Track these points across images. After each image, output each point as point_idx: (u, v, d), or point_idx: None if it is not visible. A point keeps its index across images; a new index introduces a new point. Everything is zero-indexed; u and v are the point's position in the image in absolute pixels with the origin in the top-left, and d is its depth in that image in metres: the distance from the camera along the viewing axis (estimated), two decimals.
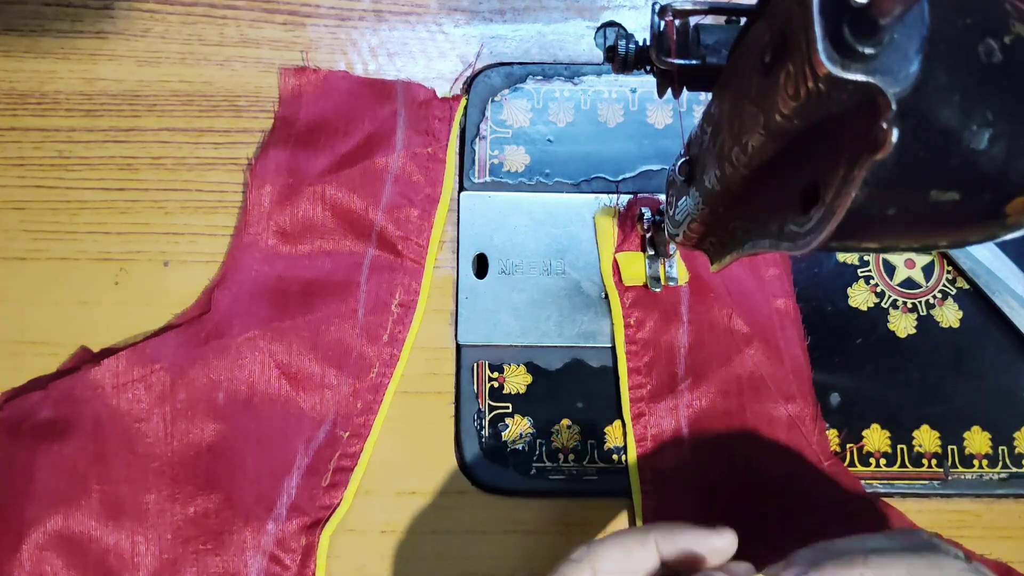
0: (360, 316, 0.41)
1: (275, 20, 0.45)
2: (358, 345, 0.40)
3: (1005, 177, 0.20)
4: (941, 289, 0.42)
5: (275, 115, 0.44)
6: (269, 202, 0.42)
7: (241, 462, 0.38)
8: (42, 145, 0.44)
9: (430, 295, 0.42)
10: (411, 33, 0.46)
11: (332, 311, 0.41)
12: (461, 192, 0.44)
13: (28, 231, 0.43)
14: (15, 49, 0.44)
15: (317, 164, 0.42)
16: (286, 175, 0.42)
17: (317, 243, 0.42)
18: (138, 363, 0.39)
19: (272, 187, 0.42)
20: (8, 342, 0.41)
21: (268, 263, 0.41)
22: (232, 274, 0.41)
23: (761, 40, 0.21)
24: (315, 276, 0.41)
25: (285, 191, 0.42)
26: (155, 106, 0.44)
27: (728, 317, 0.40)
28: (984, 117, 0.19)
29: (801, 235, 0.22)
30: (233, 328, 0.40)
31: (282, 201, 0.42)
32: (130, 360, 0.39)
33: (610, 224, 0.43)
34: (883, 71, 0.17)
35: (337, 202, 0.42)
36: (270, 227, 0.42)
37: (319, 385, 0.40)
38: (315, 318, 0.40)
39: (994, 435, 0.41)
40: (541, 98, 0.45)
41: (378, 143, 0.43)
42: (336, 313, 0.41)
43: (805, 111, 0.20)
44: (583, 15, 0.46)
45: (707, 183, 0.28)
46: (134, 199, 0.43)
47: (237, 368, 0.40)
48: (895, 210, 0.20)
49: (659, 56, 0.26)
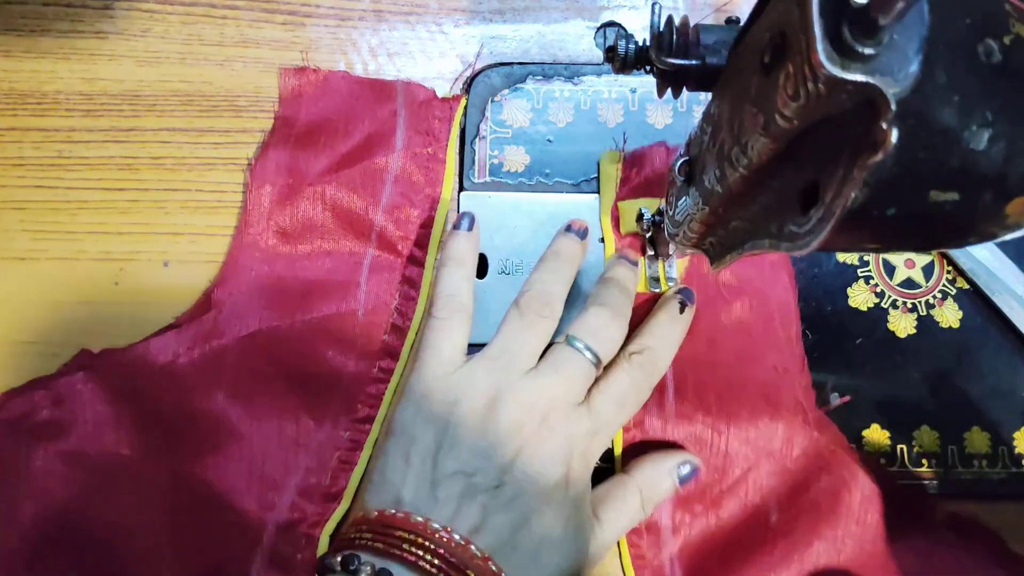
0: (360, 316, 0.41)
1: (275, 20, 0.45)
2: (359, 345, 0.40)
3: (1005, 177, 0.20)
4: (941, 289, 0.42)
5: (275, 115, 0.44)
6: (269, 202, 0.42)
7: (240, 463, 0.38)
8: (42, 145, 0.44)
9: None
10: (411, 33, 0.46)
11: (332, 311, 0.40)
12: (461, 192, 0.44)
13: (28, 231, 0.43)
14: (15, 49, 0.44)
15: (317, 164, 0.42)
16: (286, 175, 0.42)
17: (317, 243, 0.42)
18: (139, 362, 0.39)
19: (272, 187, 0.42)
20: (8, 342, 0.41)
21: (268, 263, 0.41)
22: (232, 274, 0.41)
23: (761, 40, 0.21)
24: (315, 276, 0.41)
25: (285, 191, 0.42)
26: (155, 106, 0.44)
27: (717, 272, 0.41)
28: (984, 117, 0.19)
29: (801, 235, 0.22)
30: (233, 328, 0.40)
31: (282, 201, 0.42)
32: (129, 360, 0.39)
33: (614, 170, 0.43)
34: (883, 71, 0.17)
35: (337, 202, 0.42)
36: (270, 227, 0.42)
37: (319, 385, 0.40)
38: (315, 318, 0.40)
39: (994, 435, 0.41)
40: (541, 98, 0.45)
41: (378, 143, 0.43)
42: (336, 313, 0.41)
43: (805, 111, 0.20)
44: (583, 15, 0.46)
45: (707, 183, 0.28)
46: (134, 199, 0.43)
47: (237, 367, 0.40)
48: (895, 210, 0.20)
49: (659, 56, 0.26)
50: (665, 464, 0.37)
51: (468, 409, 0.34)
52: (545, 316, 0.37)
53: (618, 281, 0.39)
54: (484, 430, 0.34)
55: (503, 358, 0.36)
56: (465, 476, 0.33)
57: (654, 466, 0.37)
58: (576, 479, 0.35)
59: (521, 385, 0.35)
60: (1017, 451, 0.41)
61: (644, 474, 0.37)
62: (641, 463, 0.38)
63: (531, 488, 0.33)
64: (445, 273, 0.39)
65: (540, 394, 0.35)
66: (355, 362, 0.40)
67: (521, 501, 0.33)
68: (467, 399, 0.35)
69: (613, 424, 0.37)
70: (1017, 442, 0.41)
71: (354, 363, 0.40)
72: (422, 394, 0.35)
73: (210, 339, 0.40)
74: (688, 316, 0.39)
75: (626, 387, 0.37)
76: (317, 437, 0.39)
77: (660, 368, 0.38)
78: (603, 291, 0.38)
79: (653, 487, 0.37)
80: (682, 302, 0.39)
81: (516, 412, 0.34)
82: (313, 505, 0.38)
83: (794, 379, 0.40)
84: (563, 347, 0.36)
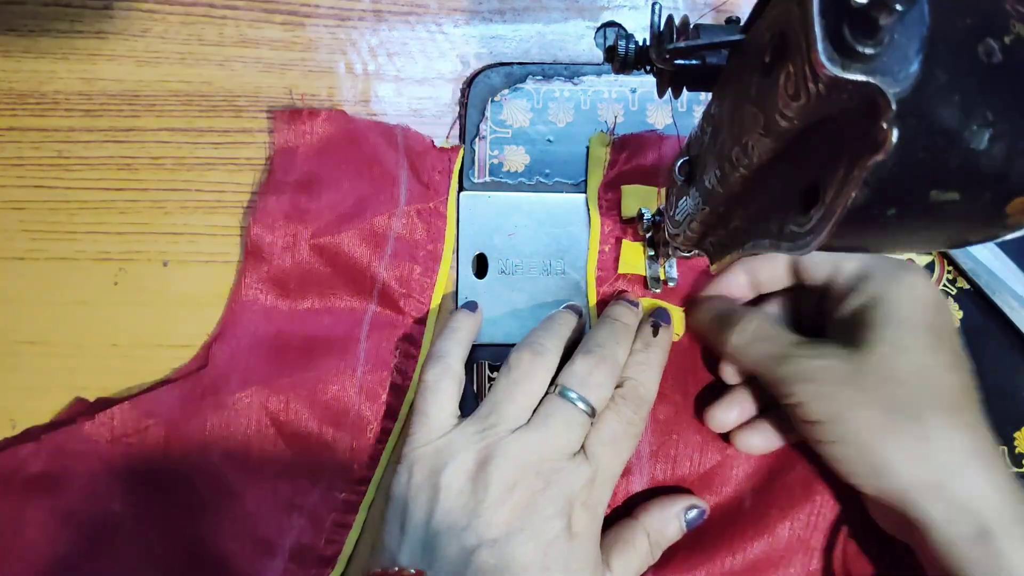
0: (359, 374, 0.40)
1: (274, 20, 0.45)
2: (356, 403, 0.40)
3: (1005, 177, 0.20)
4: (941, 289, 0.42)
5: (270, 161, 0.43)
6: (268, 255, 0.41)
7: (234, 522, 0.38)
8: (41, 145, 0.44)
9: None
10: (411, 33, 0.46)
11: (331, 368, 0.40)
12: (461, 192, 0.44)
13: (27, 231, 0.43)
14: (14, 49, 0.44)
15: (318, 216, 0.41)
16: (285, 227, 0.41)
17: (317, 298, 0.41)
18: (133, 417, 0.39)
19: (272, 238, 0.41)
20: (8, 342, 0.41)
21: (267, 318, 0.41)
22: (230, 328, 0.41)
23: (761, 40, 0.21)
24: (315, 332, 0.41)
25: (285, 244, 0.41)
26: (154, 106, 0.44)
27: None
28: (984, 117, 0.19)
29: (801, 235, 0.22)
30: (230, 384, 0.39)
31: (282, 254, 0.41)
32: (125, 414, 0.39)
33: (603, 152, 0.43)
34: (883, 71, 0.17)
35: (339, 257, 0.41)
36: (269, 280, 0.41)
37: (316, 444, 0.39)
38: (313, 375, 0.39)
39: (994, 435, 0.41)
40: (541, 98, 0.45)
41: (381, 196, 0.42)
42: (335, 370, 0.40)
43: (805, 111, 0.20)
44: (583, 15, 0.46)
45: (707, 183, 0.28)
46: (133, 199, 0.43)
47: (233, 425, 0.39)
48: (895, 210, 0.20)
49: (659, 56, 0.26)
50: (673, 508, 0.37)
51: (458, 472, 0.33)
52: (536, 370, 0.36)
53: (611, 321, 0.38)
54: (475, 491, 0.33)
55: (492, 416, 0.35)
56: (459, 539, 0.32)
57: (661, 510, 0.37)
58: (580, 531, 0.33)
59: (512, 442, 0.34)
60: (1018, 451, 0.40)
61: (651, 518, 0.37)
62: (648, 507, 0.37)
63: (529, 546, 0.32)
64: (441, 337, 0.39)
65: (532, 449, 0.34)
66: (353, 421, 0.39)
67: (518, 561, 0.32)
68: (457, 462, 0.34)
69: (613, 467, 0.35)
70: (1018, 442, 0.41)
71: (352, 422, 0.39)
72: (413, 461, 0.35)
73: (207, 395, 0.39)
74: (665, 336, 0.38)
75: (616, 426, 0.35)
76: (312, 498, 0.39)
77: (647, 397, 0.37)
78: (594, 334, 0.37)
79: (661, 531, 0.36)
80: (654, 324, 0.38)
81: (508, 471, 0.33)
82: (305, 570, 0.38)
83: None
84: (553, 398, 0.35)
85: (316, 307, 0.41)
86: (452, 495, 0.33)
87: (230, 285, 0.42)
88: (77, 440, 0.38)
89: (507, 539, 0.32)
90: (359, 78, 0.45)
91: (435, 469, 0.34)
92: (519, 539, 0.32)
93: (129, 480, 0.38)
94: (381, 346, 0.41)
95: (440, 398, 0.36)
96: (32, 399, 0.41)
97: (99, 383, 0.41)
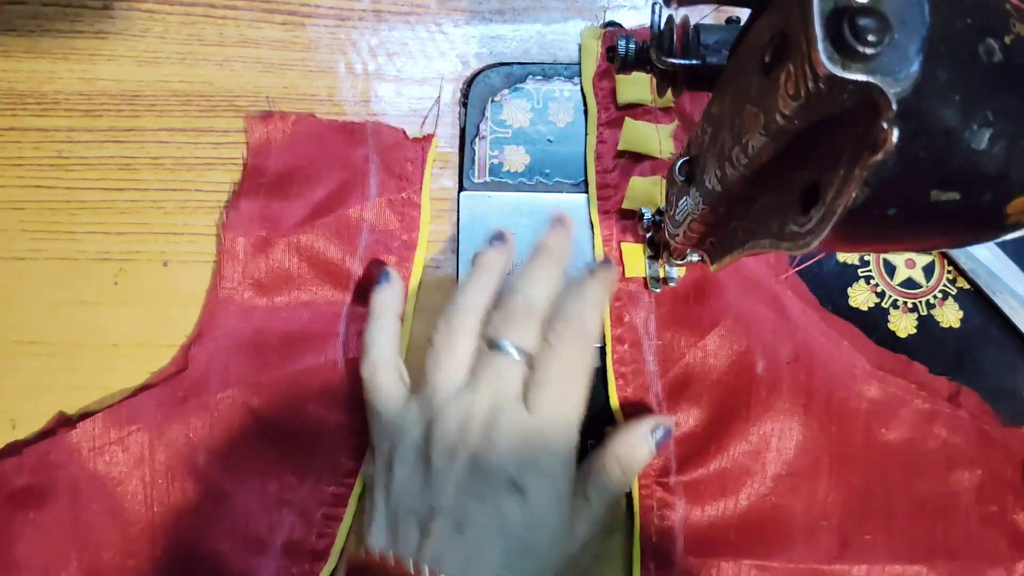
0: (340, 367, 0.40)
1: (274, 20, 0.45)
2: (340, 397, 0.40)
3: (1005, 177, 0.20)
4: (941, 289, 0.42)
5: (245, 164, 0.43)
6: (243, 254, 0.41)
7: (224, 523, 0.38)
8: (41, 145, 0.44)
9: (430, 294, 0.42)
10: (411, 33, 0.46)
11: (312, 363, 0.40)
12: (461, 192, 0.44)
13: (27, 231, 0.43)
14: (14, 49, 0.44)
15: (291, 213, 0.42)
16: (259, 225, 0.42)
17: (294, 294, 0.41)
18: (114, 425, 0.39)
19: (246, 238, 0.41)
20: (8, 342, 0.41)
21: (244, 317, 0.41)
22: (208, 330, 0.41)
23: (761, 40, 0.21)
24: (293, 328, 0.41)
25: (259, 242, 0.41)
26: (154, 106, 0.44)
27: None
28: (984, 117, 0.19)
29: (801, 235, 0.22)
30: (211, 385, 0.39)
31: (256, 252, 0.41)
32: (106, 422, 0.39)
33: (595, 45, 0.45)
34: (883, 71, 0.17)
35: (313, 252, 0.41)
36: (245, 279, 0.41)
37: (301, 440, 0.39)
38: (294, 371, 0.39)
39: None
40: (541, 98, 0.45)
41: (352, 190, 0.42)
42: (316, 365, 0.40)
43: (805, 111, 0.20)
44: (583, 15, 0.46)
45: (707, 183, 0.28)
46: (133, 199, 0.43)
47: (217, 425, 0.39)
48: (895, 210, 0.20)
49: (659, 56, 0.26)
50: (638, 430, 0.37)
51: (408, 450, 0.34)
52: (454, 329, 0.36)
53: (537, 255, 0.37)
54: (423, 463, 0.33)
55: (427, 388, 0.35)
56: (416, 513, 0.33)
57: (627, 434, 0.37)
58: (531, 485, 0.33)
59: (447, 408, 0.34)
60: None
61: (620, 444, 0.37)
62: (615, 433, 0.37)
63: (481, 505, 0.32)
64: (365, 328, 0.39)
65: (466, 410, 0.34)
66: (336, 415, 0.39)
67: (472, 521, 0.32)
68: (407, 440, 0.34)
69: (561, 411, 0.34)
70: None
71: (335, 416, 0.39)
72: (373, 445, 0.37)
73: (188, 398, 0.39)
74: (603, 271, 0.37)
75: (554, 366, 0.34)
76: (300, 493, 0.39)
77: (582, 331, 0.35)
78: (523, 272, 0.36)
79: (630, 455, 0.37)
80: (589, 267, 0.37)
81: (448, 437, 0.33)
82: (299, 566, 0.38)
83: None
84: (484, 353, 0.35)
85: (293, 303, 0.41)
86: (406, 473, 0.34)
87: None
88: (59, 451, 0.38)
89: (458, 503, 0.32)
90: (359, 78, 0.45)
91: (390, 452, 0.35)
92: (468, 500, 0.32)
93: (115, 487, 0.38)
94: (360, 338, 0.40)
95: (380, 392, 0.37)
96: (32, 399, 0.41)
97: (99, 383, 0.41)
